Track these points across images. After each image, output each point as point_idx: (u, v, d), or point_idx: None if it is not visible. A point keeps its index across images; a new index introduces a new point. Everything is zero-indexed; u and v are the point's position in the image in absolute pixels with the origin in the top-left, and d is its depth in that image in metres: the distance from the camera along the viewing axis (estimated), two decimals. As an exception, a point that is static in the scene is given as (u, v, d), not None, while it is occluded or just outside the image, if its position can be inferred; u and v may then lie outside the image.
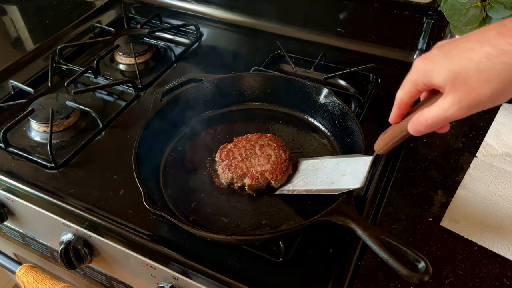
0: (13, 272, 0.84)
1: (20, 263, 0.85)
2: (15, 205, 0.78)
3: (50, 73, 0.97)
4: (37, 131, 0.85)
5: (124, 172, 0.75)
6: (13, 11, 1.26)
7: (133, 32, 1.14)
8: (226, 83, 0.85)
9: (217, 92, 0.85)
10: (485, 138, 0.78)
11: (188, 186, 0.73)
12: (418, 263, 0.51)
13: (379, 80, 0.93)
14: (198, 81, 0.84)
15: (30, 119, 0.84)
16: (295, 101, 0.85)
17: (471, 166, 0.74)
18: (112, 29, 1.12)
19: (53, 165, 0.77)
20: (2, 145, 0.81)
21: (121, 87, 0.95)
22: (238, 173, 0.70)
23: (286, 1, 1.05)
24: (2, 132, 0.80)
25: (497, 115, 0.82)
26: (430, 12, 0.91)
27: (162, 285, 0.66)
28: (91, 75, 0.97)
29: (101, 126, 0.85)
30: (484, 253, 0.61)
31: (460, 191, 0.70)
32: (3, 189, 0.77)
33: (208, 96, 0.85)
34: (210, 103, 0.85)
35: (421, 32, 0.95)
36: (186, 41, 1.11)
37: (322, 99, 0.81)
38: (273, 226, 0.67)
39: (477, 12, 0.71)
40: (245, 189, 0.71)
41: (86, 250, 0.72)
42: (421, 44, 0.96)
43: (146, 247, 0.65)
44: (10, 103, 0.90)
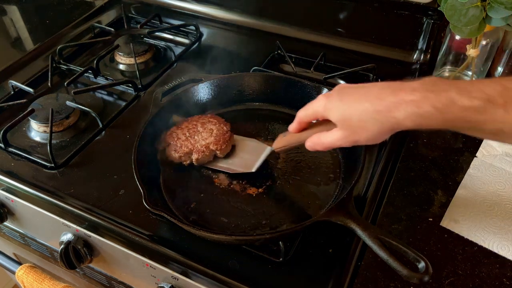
0: (13, 272, 0.84)
1: (20, 263, 0.85)
2: (15, 205, 0.78)
3: (50, 73, 0.97)
4: (37, 131, 0.85)
5: (124, 172, 0.75)
6: (13, 11, 1.26)
7: (133, 32, 1.14)
8: (226, 83, 0.85)
9: (217, 92, 0.85)
10: (485, 138, 0.78)
11: (188, 186, 0.73)
12: (418, 263, 0.51)
13: (379, 80, 0.93)
14: (198, 81, 0.84)
15: (30, 119, 0.84)
16: (295, 101, 0.84)
17: (471, 166, 0.74)
18: (112, 29, 1.12)
19: (53, 165, 0.77)
20: (2, 145, 0.81)
21: (121, 87, 0.95)
22: (184, 151, 0.73)
23: (286, 1, 1.05)
24: (2, 132, 0.80)
25: (497, 115, 0.82)
26: (430, 12, 0.91)
27: (162, 285, 0.66)
28: (91, 75, 0.97)
29: (101, 126, 0.85)
30: (484, 253, 0.61)
31: (460, 191, 0.70)
32: (3, 189, 0.77)
33: (208, 96, 0.85)
34: (210, 103, 0.85)
35: (421, 32, 0.95)
36: (186, 41, 1.11)
37: (322, 99, 0.81)
38: (273, 226, 0.67)
39: (477, 12, 0.70)
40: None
41: (86, 250, 0.72)
42: (421, 44, 0.96)
43: (146, 247, 0.65)
44: (10, 103, 0.90)
